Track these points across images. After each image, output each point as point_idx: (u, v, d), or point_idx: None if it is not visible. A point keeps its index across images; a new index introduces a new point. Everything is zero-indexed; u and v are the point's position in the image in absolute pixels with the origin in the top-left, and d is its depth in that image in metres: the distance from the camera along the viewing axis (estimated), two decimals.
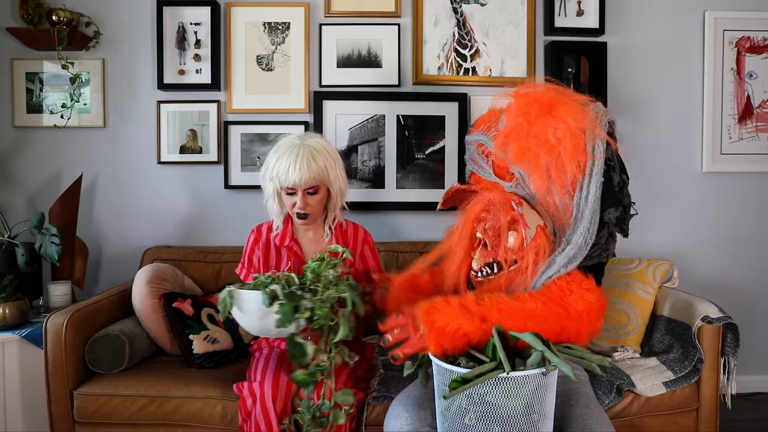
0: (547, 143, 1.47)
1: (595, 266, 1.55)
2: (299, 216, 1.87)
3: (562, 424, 1.40)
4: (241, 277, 2.02)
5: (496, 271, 1.52)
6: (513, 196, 1.53)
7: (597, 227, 1.49)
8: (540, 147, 1.48)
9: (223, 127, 2.61)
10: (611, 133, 1.53)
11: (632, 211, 1.59)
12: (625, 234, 1.57)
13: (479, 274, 1.54)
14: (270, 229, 2.00)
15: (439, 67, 2.64)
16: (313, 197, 1.86)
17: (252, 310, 1.54)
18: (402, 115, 2.63)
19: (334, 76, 2.62)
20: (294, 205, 1.85)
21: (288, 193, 1.85)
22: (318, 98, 2.60)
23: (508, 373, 1.18)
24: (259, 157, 2.60)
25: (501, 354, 1.20)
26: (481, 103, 2.63)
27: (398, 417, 1.44)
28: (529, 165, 1.50)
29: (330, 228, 1.98)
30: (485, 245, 1.54)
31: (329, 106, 2.61)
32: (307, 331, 1.59)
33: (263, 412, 1.69)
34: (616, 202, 1.52)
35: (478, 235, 1.55)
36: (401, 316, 1.44)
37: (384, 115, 2.62)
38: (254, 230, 2.02)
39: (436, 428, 1.40)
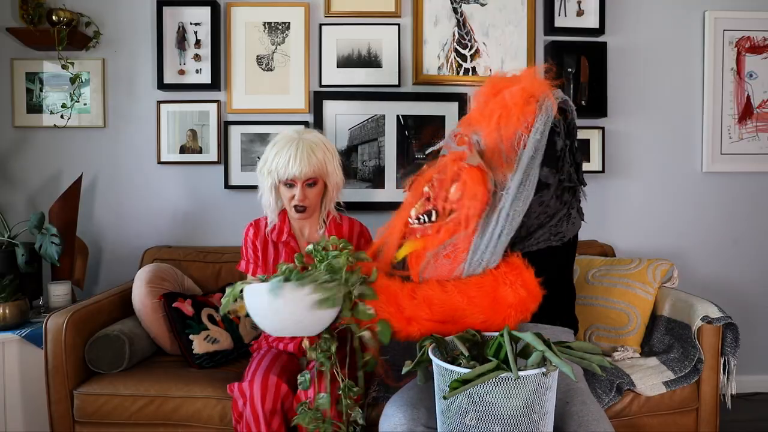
0: (503, 101, 1.58)
1: (546, 252, 1.60)
2: (297, 209, 1.88)
3: (559, 421, 1.40)
4: (244, 271, 2.01)
5: (433, 219, 1.59)
6: (462, 152, 1.61)
7: (534, 185, 1.55)
8: (496, 105, 1.58)
9: (223, 127, 2.61)
10: (564, 109, 1.63)
11: (581, 194, 1.70)
12: (581, 215, 1.70)
13: (417, 221, 1.61)
14: (266, 224, 2.00)
15: (439, 67, 2.64)
16: (311, 190, 1.88)
17: (274, 304, 1.39)
18: (402, 115, 2.63)
19: (334, 76, 2.62)
20: (292, 198, 1.86)
21: (287, 185, 1.86)
22: (318, 98, 2.60)
23: (516, 379, 1.18)
24: (258, 157, 2.60)
25: (510, 357, 1.20)
26: None
27: (392, 417, 1.45)
28: (483, 122, 1.60)
29: (324, 221, 1.99)
30: (428, 199, 1.61)
31: (329, 106, 2.61)
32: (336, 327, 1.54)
33: (252, 412, 1.69)
34: (554, 164, 1.59)
35: (425, 189, 1.62)
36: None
37: (384, 115, 2.62)
38: (252, 224, 2.02)
39: (430, 427, 1.42)
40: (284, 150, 1.83)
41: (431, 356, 1.31)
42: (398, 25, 2.62)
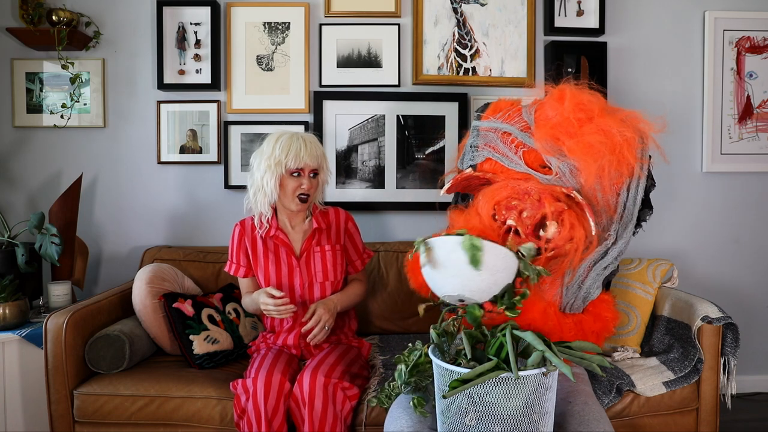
0: (612, 142, 1.52)
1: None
2: (302, 198, 1.94)
3: (561, 420, 1.40)
4: (232, 273, 2.06)
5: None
6: (558, 187, 1.55)
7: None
8: (604, 145, 1.53)
9: (223, 127, 2.61)
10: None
11: (649, 216, 1.70)
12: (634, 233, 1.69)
13: None
14: (254, 225, 2.03)
15: (439, 67, 2.64)
16: (314, 180, 1.97)
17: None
18: (402, 115, 2.63)
19: (334, 76, 2.62)
20: (298, 187, 1.93)
21: (293, 175, 1.92)
22: (318, 98, 2.60)
23: (516, 379, 1.18)
24: None
25: (512, 357, 1.20)
26: (481, 103, 2.62)
27: (399, 419, 1.44)
28: (586, 161, 1.54)
29: (310, 212, 2.05)
30: (516, 232, 1.52)
31: (329, 106, 2.61)
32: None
33: (255, 409, 1.70)
34: (650, 205, 1.65)
35: (510, 222, 1.52)
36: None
37: (384, 115, 2.62)
38: (238, 224, 2.07)
39: (436, 430, 1.41)
40: (293, 143, 1.92)
41: (431, 356, 1.31)
42: (398, 25, 2.62)
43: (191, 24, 2.58)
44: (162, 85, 2.57)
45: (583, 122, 1.55)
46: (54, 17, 2.43)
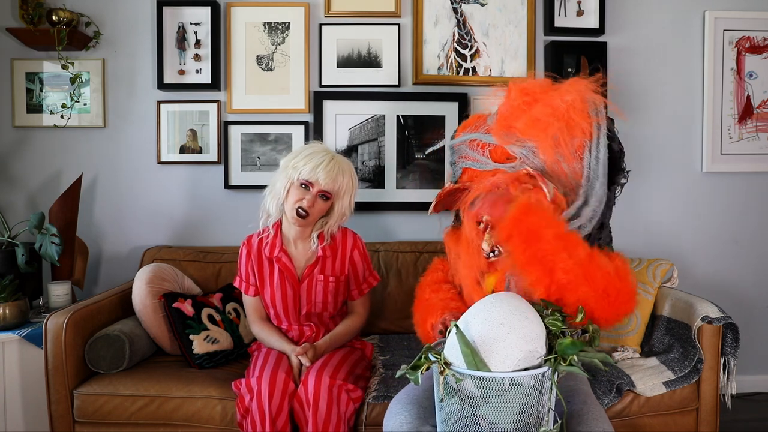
0: (557, 111, 1.55)
1: None
2: (299, 212, 1.88)
3: (560, 420, 1.40)
4: (242, 290, 2.05)
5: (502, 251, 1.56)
6: (521, 171, 1.58)
7: (607, 189, 1.57)
8: (550, 116, 1.56)
9: (223, 127, 2.61)
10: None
11: (624, 180, 1.71)
12: (612, 202, 1.68)
13: (491, 254, 1.58)
14: (261, 240, 2.01)
15: (439, 67, 2.64)
16: (321, 202, 1.91)
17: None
18: (402, 115, 2.63)
19: (334, 76, 2.62)
20: (300, 200, 1.88)
21: (303, 186, 1.88)
22: (318, 98, 2.60)
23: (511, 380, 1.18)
24: (259, 157, 2.60)
25: (468, 357, 1.20)
26: (481, 103, 2.63)
27: (397, 415, 1.44)
28: (538, 136, 1.57)
29: (315, 239, 1.99)
30: (492, 227, 1.57)
31: (329, 106, 2.61)
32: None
33: (259, 408, 1.70)
34: (619, 169, 1.64)
35: (485, 218, 1.58)
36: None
37: (384, 115, 2.62)
38: (245, 242, 2.05)
39: (435, 426, 1.41)
40: (318, 156, 1.89)
41: (431, 356, 1.31)
42: (398, 25, 2.62)
43: (191, 24, 2.58)
44: (162, 85, 2.57)
45: (530, 104, 1.60)
46: (54, 17, 2.43)
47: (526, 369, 1.21)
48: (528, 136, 1.59)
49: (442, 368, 1.23)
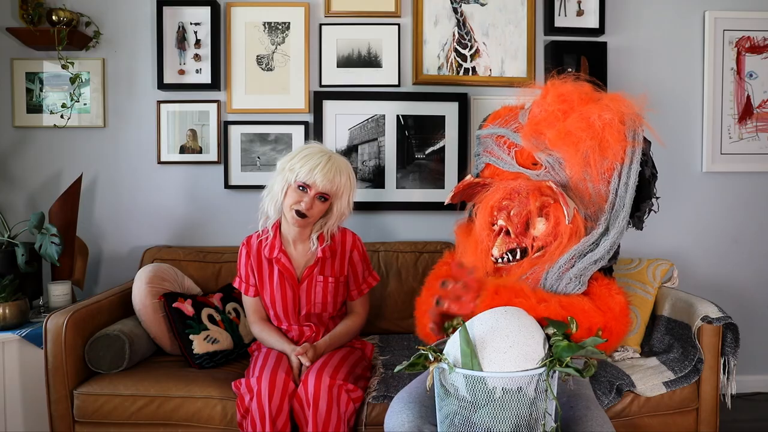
0: (592, 128, 1.48)
1: (605, 270, 1.58)
2: (298, 214, 1.88)
3: (563, 425, 1.40)
4: (243, 292, 2.05)
5: (518, 257, 1.53)
6: (544, 182, 1.53)
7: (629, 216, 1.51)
8: (583, 131, 1.48)
9: (223, 127, 2.61)
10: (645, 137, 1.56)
11: (654, 206, 1.63)
12: (640, 227, 1.61)
13: (500, 260, 1.55)
14: (260, 241, 2.01)
15: (439, 67, 2.64)
16: (319, 204, 1.90)
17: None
18: (402, 115, 2.62)
19: (334, 76, 2.62)
20: (298, 202, 1.87)
21: (300, 188, 1.87)
22: (318, 98, 2.60)
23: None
24: (259, 157, 2.60)
25: (467, 357, 1.20)
26: (481, 103, 2.63)
27: (399, 414, 1.43)
28: (568, 150, 1.50)
29: (315, 241, 1.98)
30: (507, 233, 1.53)
31: (329, 106, 2.61)
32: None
33: (259, 408, 1.70)
34: (649, 194, 1.57)
35: (501, 222, 1.54)
36: (469, 272, 1.47)
37: (384, 115, 2.62)
38: (244, 243, 2.05)
39: (436, 425, 1.40)
40: (315, 157, 1.88)
41: (431, 356, 1.31)
42: (398, 25, 2.62)
43: (191, 24, 2.58)
44: (162, 85, 2.57)
45: (566, 113, 1.52)
46: (54, 17, 2.43)
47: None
48: (557, 148, 1.52)
49: (435, 356, 1.23)
